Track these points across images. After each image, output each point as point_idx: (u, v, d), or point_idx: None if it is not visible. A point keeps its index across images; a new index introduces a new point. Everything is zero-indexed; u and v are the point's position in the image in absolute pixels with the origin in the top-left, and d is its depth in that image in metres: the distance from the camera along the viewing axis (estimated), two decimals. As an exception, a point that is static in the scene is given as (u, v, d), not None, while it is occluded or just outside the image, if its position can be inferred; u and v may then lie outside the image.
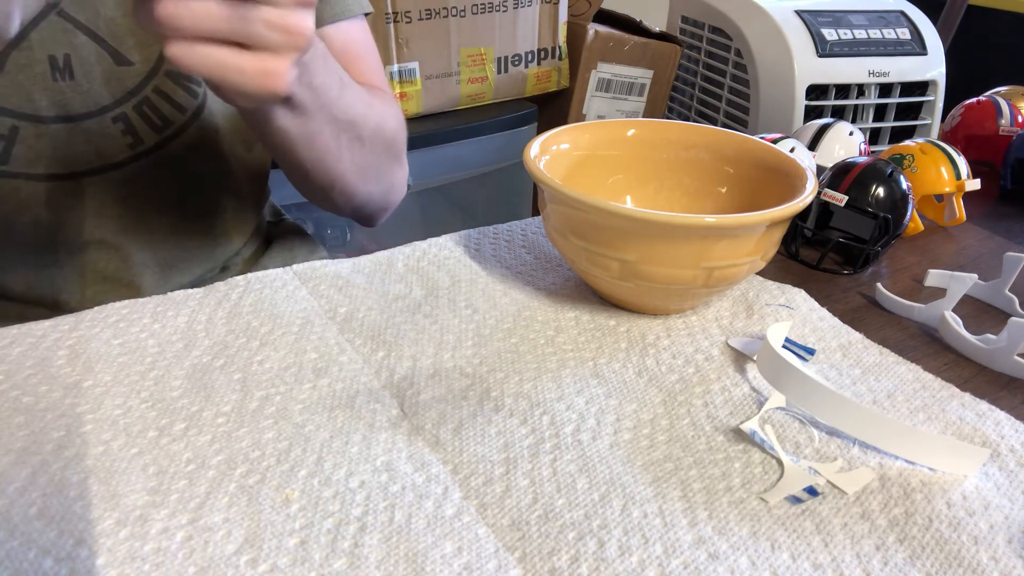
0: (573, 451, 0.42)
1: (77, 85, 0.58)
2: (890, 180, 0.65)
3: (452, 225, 0.70)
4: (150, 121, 0.62)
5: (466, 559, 0.36)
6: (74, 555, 0.35)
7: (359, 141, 0.60)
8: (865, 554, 0.37)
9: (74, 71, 0.58)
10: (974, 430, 0.45)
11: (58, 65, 0.57)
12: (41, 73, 0.57)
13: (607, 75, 1.59)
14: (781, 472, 0.42)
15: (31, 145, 0.58)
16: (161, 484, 0.39)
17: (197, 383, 0.46)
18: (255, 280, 0.57)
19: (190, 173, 0.66)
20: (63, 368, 0.47)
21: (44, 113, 0.58)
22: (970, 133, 0.93)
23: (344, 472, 0.40)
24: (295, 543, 0.36)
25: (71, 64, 0.57)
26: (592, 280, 0.55)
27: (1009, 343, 0.52)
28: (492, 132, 1.48)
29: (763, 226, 0.50)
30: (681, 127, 0.63)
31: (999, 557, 0.37)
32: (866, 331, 0.55)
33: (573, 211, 0.51)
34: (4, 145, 0.58)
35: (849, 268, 0.65)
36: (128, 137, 0.61)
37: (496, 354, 0.51)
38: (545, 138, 0.58)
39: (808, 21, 1.43)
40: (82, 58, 0.58)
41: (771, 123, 1.45)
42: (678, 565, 0.36)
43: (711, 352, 0.52)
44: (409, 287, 0.58)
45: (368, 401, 0.46)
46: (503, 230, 0.67)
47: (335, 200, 0.64)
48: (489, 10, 1.41)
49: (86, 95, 0.59)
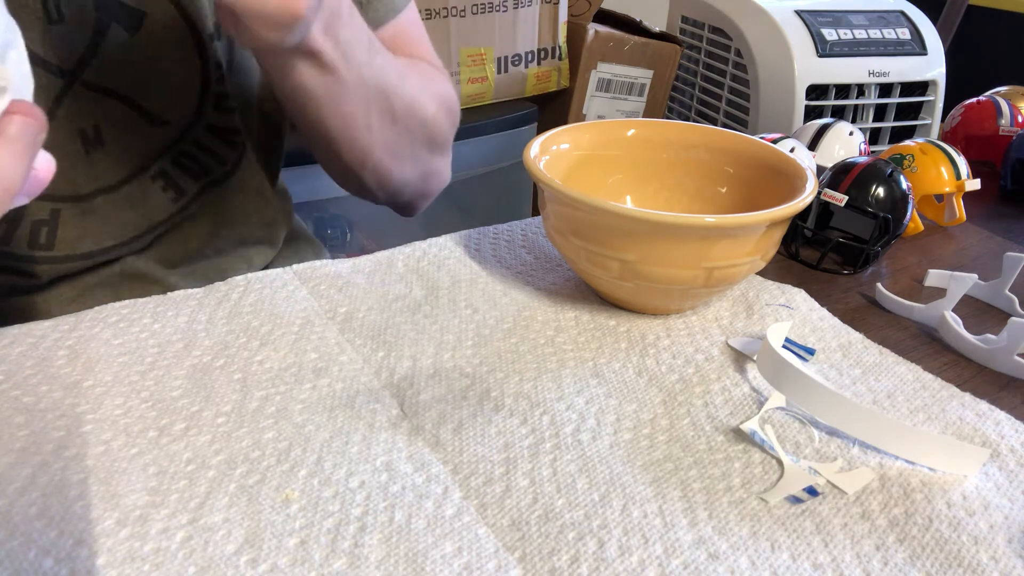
0: (573, 451, 0.42)
1: (111, 152, 0.56)
2: (890, 180, 0.65)
3: (452, 225, 0.70)
4: (189, 171, 0.60)
5: (466, 559, 0.36)
6: (74, 555, 0.35)
7: (390, 115, 0.57)
8: (865, 554, 0.37)
9: (104, 139, 0.55)
10: (974, 430, 0.45)
11: (88, 138, 0.55)
12: (74, 151, 0.54)
13: (607, 75, 1.59)
14: (781, 472, 0.42)
15: (76, 225, 0.57)
16: (161, 484, 0.39)
17: (197, 383, 0.46)
18: (255, 280, 0.57)
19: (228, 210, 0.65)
20: (63, 368, 0.47)
21: (83, 190, 0.56)
22: (970, 133, 0.93)
23: (344, 472, 0.40)
24: (295, 543, 0.36)
25: (101, 133, 0.55)
26: (592, 280, 0.55)
27: (1009, 343, 0.52)
28: (492, 132, 1.48)
29: (763, 226, 0.50)
30: (681, 127, 0.63)
31: (999, 557, 0.37)
32: (866, 331, 0.55)
33: (573, 211, 0.51)
34: (47, 231, 0.56)
35: (849, 268, 0.65)
36: (171, 192, 0.60)
37: (496, 354, 0.51)
38: (545, 138, 0.58)
39: (808, 21, 1.43)
40: (114, 121, 0.55)
41: (771, 123, 1.45)
42: (678, 565, 0.36)
43: (711, 352, 0.52)
44: (409, 287, 0.58)
45: (368, 401, 0.46)
46: (503, 230, 0.67)
47: (367, 182, 0.61)
48: (489, 10, 1.41)
49: (120, 160, 0.57)
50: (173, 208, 0.61)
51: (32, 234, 0.56)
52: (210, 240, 0.65)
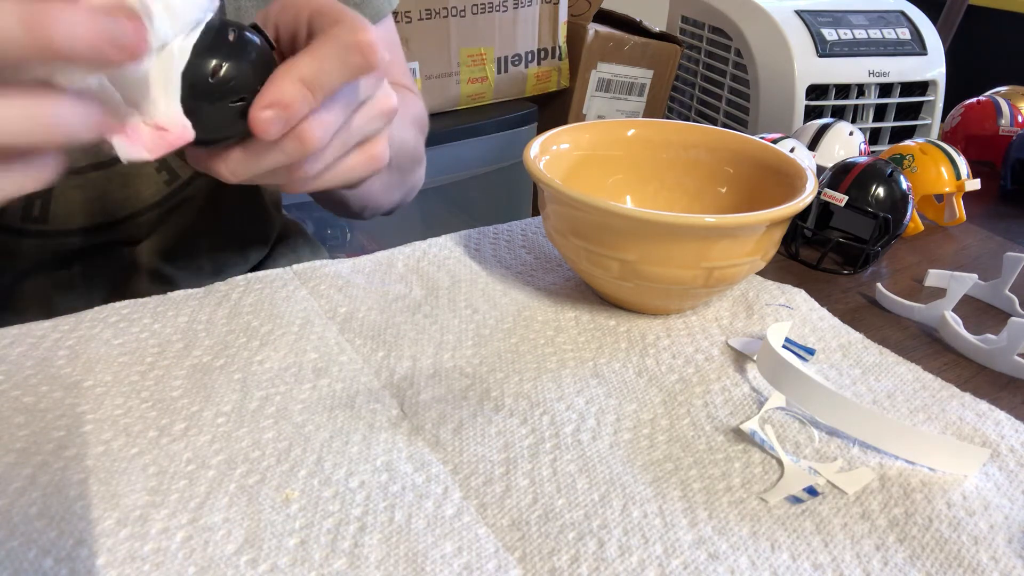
0: (573, 451, 0.42)
1: None
2: (890, 180, 0.65)
3: (452, 225, 0.70)
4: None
5: (466, 559, 0.36)
6: (74, 555, 0.35)
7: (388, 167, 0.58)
8: (865, 554, 0.37)
9: None
10: (974, 430, 0.45)
11: None
12: None
13: (607, 75, 1.59)
14: (781, 472, 0.42)
15: (70, 199, 0.57)
16: (161, 484, 0.39)
17: (197, 383, 0.46)
18: (255, 280, 0.57)
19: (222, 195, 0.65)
20: (63, 368, 0.47)
21: (79, 163, 0.56)
22: (970, 133, 0.93)
23: (344, 472, 0.40)
24: (295, 543, 0.36)
25: None
26: (592, 280, 0.55)
27: (1009, 343, 0.52)
28: (492, 132, 1.48)
29: (763, 226, 0.50)
30: (681, 127, 0.63)
31: (999, 557, 0.37)
32: (866, 331, 0.55)
33: (573, 211, 0.51)
34: (41, 204, 0.56)
35: (849, 268, 0.65)
36: (164, 174, 0.60)
37: (496, 354, 0.51)
38: (545, 138, 0.58)
39: (808, 21, 1.43)
40: None
41: (771, 123, 1.45)
42: (678, 565, 0.36)
43: (711, 352, 0.52)
44: (409, 287, 0.58)
45: (368, 401, 0.46)
46: (503, 230, 0.67)
47: (362, 216, 0.64)
48: (489, 10, 1.41)
49: None
50: (166, 191, 0.61)
51: (25, 207, 0.57)
52: (204, 232, 0.66)
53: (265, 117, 0.32)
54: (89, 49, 0.24)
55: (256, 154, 0.34)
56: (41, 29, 0.23)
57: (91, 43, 0.24)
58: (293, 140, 0.34)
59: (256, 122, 0.32)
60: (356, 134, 0.38)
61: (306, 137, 0.34)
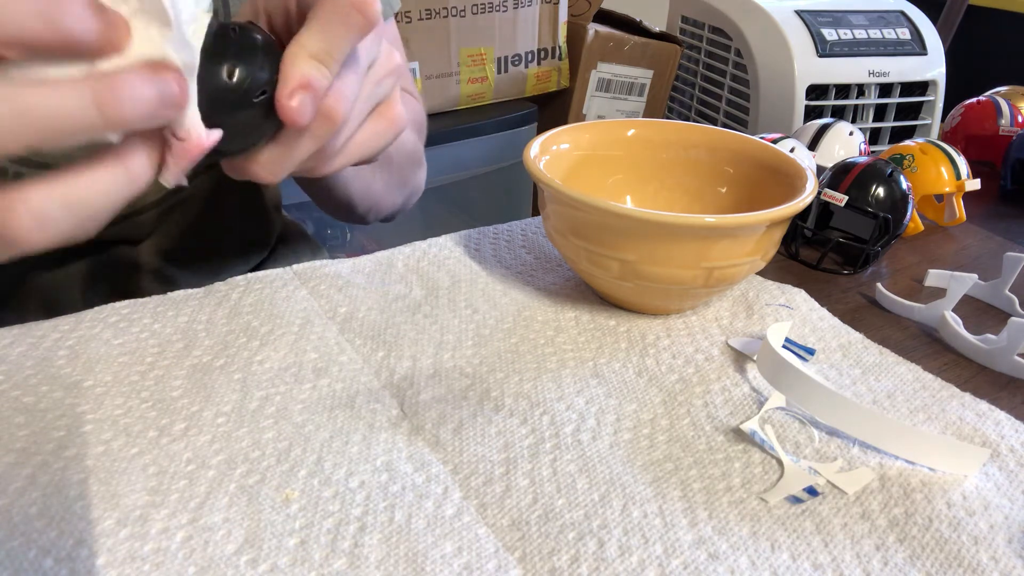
0: (573, 451, 0.42)
1: None
2: (890, 180, 0.65)
3: (452, 225, 0.70)
4: None
5: (466, 559, 0.36)
6: (74, 555, 0.35)
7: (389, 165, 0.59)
8: (865, 554, 0.37)
9: None
10: (974, 430, 0.45)
11: None
12: None
13: (607, 75, 1.59)
14: (781, 472, 0.42)
15: None
16: (161, 484, 0.39)
17: (197, 383, 0.46)
18: (255, 280, 0.57)
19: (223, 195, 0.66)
20: (63, 368, 0.47)
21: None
22: (970, 133, 0.93)
23: (344, 472, 0.40)
24: (295, 543, 0.36)
25: None
26: (592, 280, 0.55)
27: (1009, 343, 0.52)
28: (492, 132, 1.48)
29: (763, 226, 0.50)
30: (681, 127, 0.63)
31: (999, 557, 0.37)
32: (866, 331, 0.55)
33: (573, 211, 0.51)
34: None
35: (849, 268, 0.65)
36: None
37: (496, 354, 0.51)
38: (545, 138, 0.58)
39: (808, 21, 1.43)
40: None
41: (771, 123, 1.45)
42: (678, 565, 0.36)
43: (711, 352, 0.52)
44: (409, 287, 0.58)
45: (368, 401, 0.46)
46: (503, 230, 0.67)
47: (364, 220, 0.64)
48: (489, 10, 1.42)
49: None
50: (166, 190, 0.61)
51: None
52: (205, 232, 0.66)
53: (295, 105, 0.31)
54: (150, 116, 0.25)
55: (288, 146, 0.33)
56: (113, 109, 0.24)
57: (151, 110, 0.25)
58: (321, 120, 0.33)
59: (286, 111, 0.31)
60: (371, 98, 0.37)
61: (332, 114, 0.33)
